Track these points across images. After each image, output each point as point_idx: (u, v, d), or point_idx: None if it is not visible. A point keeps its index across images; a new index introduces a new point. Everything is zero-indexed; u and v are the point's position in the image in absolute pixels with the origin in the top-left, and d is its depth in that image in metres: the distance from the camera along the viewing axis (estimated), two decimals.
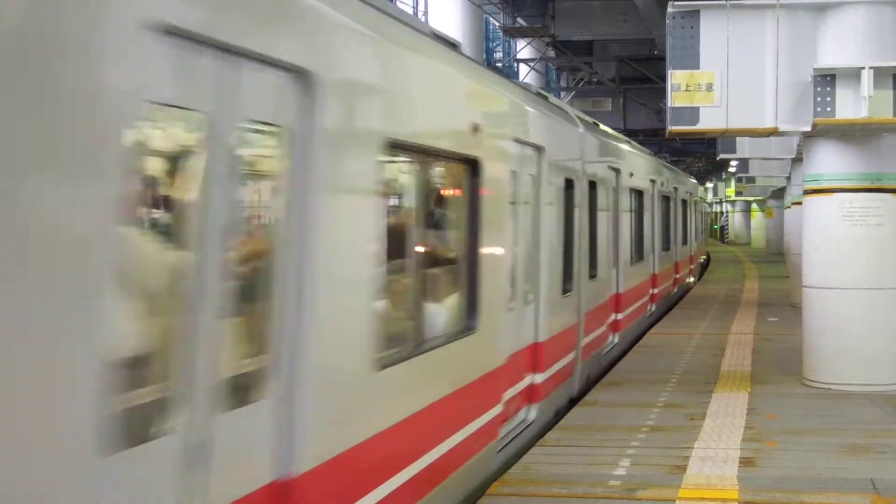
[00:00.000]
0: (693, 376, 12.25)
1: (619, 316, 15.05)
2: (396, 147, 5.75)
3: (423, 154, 6.57)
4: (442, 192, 7.46)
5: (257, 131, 4.31)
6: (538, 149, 9.62)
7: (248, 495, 4.07)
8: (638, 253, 17.92)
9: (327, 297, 4.69)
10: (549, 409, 10.16)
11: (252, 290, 4.26)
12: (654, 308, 19.57)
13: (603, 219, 13.60)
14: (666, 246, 22.35)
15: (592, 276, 12.67)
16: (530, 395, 9.44)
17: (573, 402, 11.05)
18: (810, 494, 7.15)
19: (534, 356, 9.49)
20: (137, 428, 3.44)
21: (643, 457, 8.26)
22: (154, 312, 3.69)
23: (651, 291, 19.42)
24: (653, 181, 19.96)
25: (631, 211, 16.86)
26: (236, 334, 4.11)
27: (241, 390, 4.09)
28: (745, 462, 8.04)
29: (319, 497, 4.63)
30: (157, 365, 3.66)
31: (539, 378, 9.59)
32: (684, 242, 26.97)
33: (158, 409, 3.59)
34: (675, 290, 24.04)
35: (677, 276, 24.50)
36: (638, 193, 17.90)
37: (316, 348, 4.55)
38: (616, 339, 14.83)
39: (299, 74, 4.47)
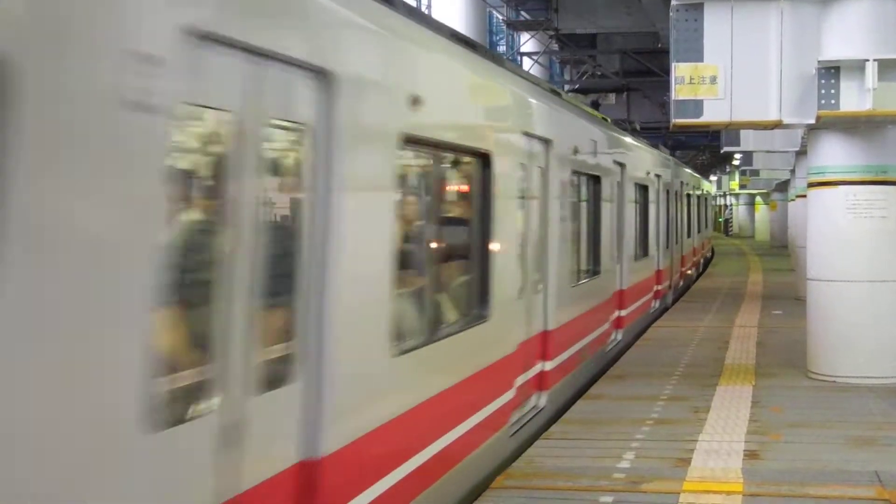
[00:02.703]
0: (697, 369, 12.24)
1: (623, 313, 15.07)
2: (414, 142, 5.98)
3: (441, 149, 6.76)
4: (464, 187, 7.64)
5: (282, 128, 4.53)
6: (546, 142, 9.75)
7: (277, 475, 4.30)
8: (643, 247, 17.94)
9: (350, 286, 4.94)
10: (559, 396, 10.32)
11: (281, 280, 4.48)
12: (657, 304, 19.53)
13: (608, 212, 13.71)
14: (671, 240, 22.32)
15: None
16: (540, 382, 9.61)
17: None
18: (815, 487, 7.15)
19: (543, 344, 9.63)
20: (178, 409, 3.66)
21: (648, 450, 8.26)
22: (192, 302, 3.94)
23: (655, 288, 19.42)
24: (659, 175, 19.96)
25: (636, 203, 16.87)
26: (267, 322, 4.31)
27: (271, 375, 4.32)
28: (750, 455, 8.04)
29: (343, 477, 4.85)
30: (196, 350, 3.90)
31: (549, 366, 9.75)
32: (688, 236, 26.95)
33: (197, 391, 3.82)
34: (682, 284, 24.04)
35: (683, 268, 24.53)
36: (644, 188, 17.95)
37: (339, 336, 4.79)
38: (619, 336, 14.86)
39: (320, 74, 4.69)
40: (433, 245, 6.73)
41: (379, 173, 5.47)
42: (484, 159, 7.54)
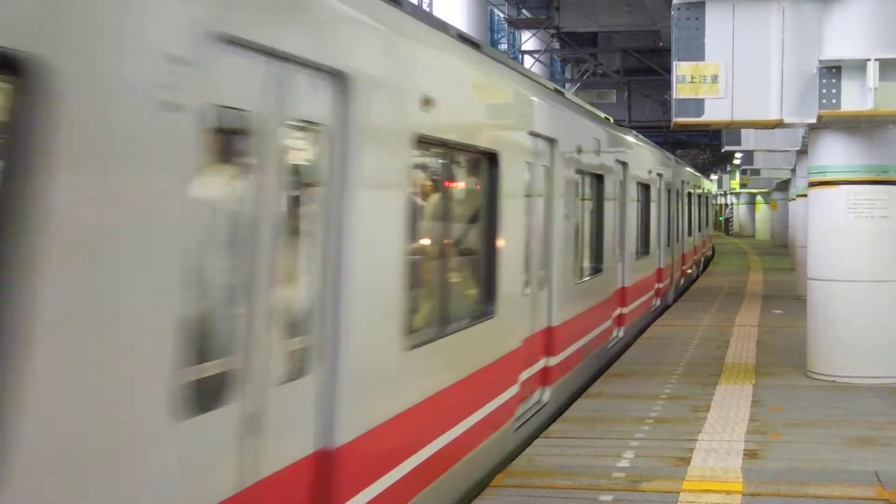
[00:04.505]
0: (698, 368, 12.24)
1: (625, 310, 15.12)
2: (426, 142, 6.14)
3: (450, 148, 6.88)
4: (473, 185, 7.76)
5: (300, 128, 4.65)
6: (551, 141, 9.85)
7: (295, 462, 4.47)
8: (644, 246, 17.97)
9: (364, 283, 5.08)
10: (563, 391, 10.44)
11: (300, 276, 4.65)
12: (658, 302, 19.55)
13: (611, 210, 13.81)
14: (672, 239, 22.34)
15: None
16: (544, 377, 9.73)
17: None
18: (814, 486, 7.14)
19: (547, 340, 9.76)
20: (203, 398, 3.77)
21: (647, 448, 8.26)
22: (216, 297, 4.06)
23: (656, 286, 19.45)
24: (660, 174, 20.00)
25: (638, 202, 16.89)
26: (286, 316, 4.46)
27: (289, 367, 4.48)
28: (750, 454, 8.04)
29: (357, 466, 5.01)
30: (219, 342, 4.02)
31: (552, 361, 9.90)
32: (689, 235, 26.96)
33: (220, 381, 3.95)
34: (682, 282, 24.05)
35: (684, 266, 24.60)
36: (645, 187, 17.97)
37: (354, 330, 4.95)
38: (621, 334, 14.89)
39: (338, 76, 4.83)
40: (444, 242, 6.88)
41: (393, 171, 5.60)
42: (491, 158, 7.65)
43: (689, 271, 26.96)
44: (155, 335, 3.41)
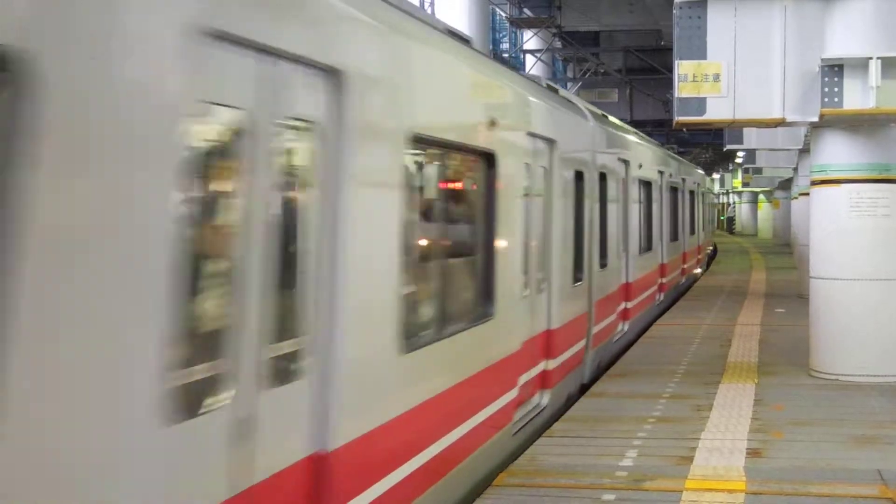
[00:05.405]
0: (700, 367, 12.24)
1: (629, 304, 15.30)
2: (422, 141, 6.06)
3: (446, 148, 6.80)
4: (468, 186, 7.70)
5: (292, 127, 4.54)
6: (550, 142, 9.84)
7: (289, 466, 4.40)
8: (647, 243, 18.14)
9: (359, 284, 5.01)
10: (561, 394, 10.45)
11: (292, 277, 4.54)
12: (662, 297, 19.62)
13: (613, 210, 13.93)
14: (674, 236, 22.37)
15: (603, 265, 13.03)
16: (543, 380, 9.71)
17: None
18: (817, 485, 7.14)
19: (547, 343, 9.73)
20: (192, 402, 3.72)
21: (650, 448, 8.26)
22: (206, 298, 3.98)
23: (659, 281, 19.56)
24: (661, 172, 20.10)
25: (640, 202, 16.94)
26: (277, 319, 4.35)
27: (281, 371, 4.40)
28: (752, 453, 8.04)
29: (351, 470, 4.94)
30: (209, 346, 3.93)
31: (552, 364, 9.88)
32: (692, 233, 26.96)
33: (210, 385, 3.89)
34: (684, 280, 24.07)
35: (685, 265, 24.66)
36: (647, 185, 18.12)
37: (347, 333, 4.85)
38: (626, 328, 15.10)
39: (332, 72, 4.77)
40: (440, 243, 6.78)
41: (389, 172, 5.53)
42: (488, 159, 7.57)
43: (692, 268, 26.98)
44: (141, 337, 3.35)
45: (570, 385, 11.05)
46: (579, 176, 11.41)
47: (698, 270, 28.50)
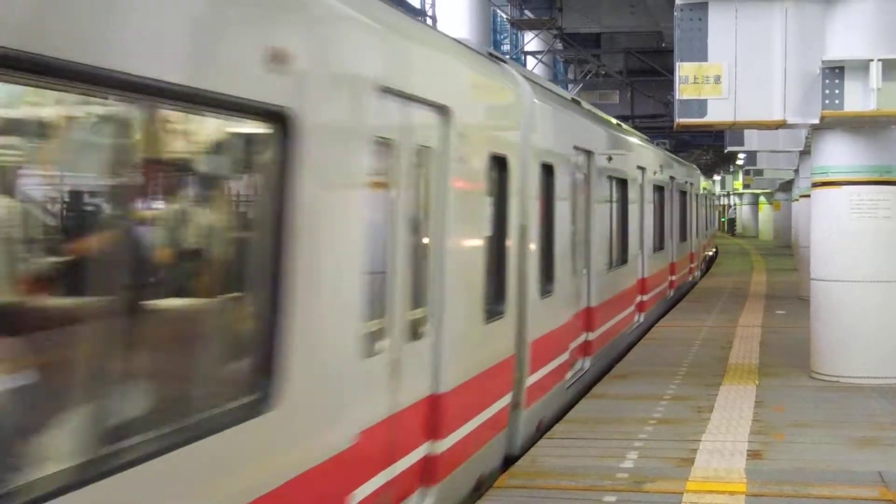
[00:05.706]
0: (701, 369, 12.25)
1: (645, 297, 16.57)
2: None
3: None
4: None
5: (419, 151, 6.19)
6: (589, 154, 11.83)
7: (418, 401, 6.09)
8: (660, 241, 19.23)
9: (457, 267, 6.69)
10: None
11: (419, 263, 6.21)
12: (641, 319, 19.47)
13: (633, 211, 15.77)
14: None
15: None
16: (585, 349, 11.75)
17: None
18: (818, 487, 7.15)
19: (587, 318, 11.84)
20: (370, 346, 5.32)
21: (651, 449, 8.27)
22: (378, 279, 5.55)
23: (670, 278, 20.23)
24: (672, 177, 20.76)
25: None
26: (411, 294, 6.03)
27: (413, 331, 6.06)
28: (753, 454, 8.04)
29: (454, 409, 6.59)
30: (378, 310, 5.52)
31: (591, 336, 11.98)
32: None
33: (380, 336, 5.51)
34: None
35: (692, 265, 25.19)
36: (660, 189, 19.07)
37: (452, 304, 6.54)
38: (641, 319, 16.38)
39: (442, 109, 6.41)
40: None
41: (484, 185, 7.40)
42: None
43: (697, 267, 27.09)
44: (355, 298, 5.02)
45: (612, 353, 13.34)
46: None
47: (692, 278, 28.05)
